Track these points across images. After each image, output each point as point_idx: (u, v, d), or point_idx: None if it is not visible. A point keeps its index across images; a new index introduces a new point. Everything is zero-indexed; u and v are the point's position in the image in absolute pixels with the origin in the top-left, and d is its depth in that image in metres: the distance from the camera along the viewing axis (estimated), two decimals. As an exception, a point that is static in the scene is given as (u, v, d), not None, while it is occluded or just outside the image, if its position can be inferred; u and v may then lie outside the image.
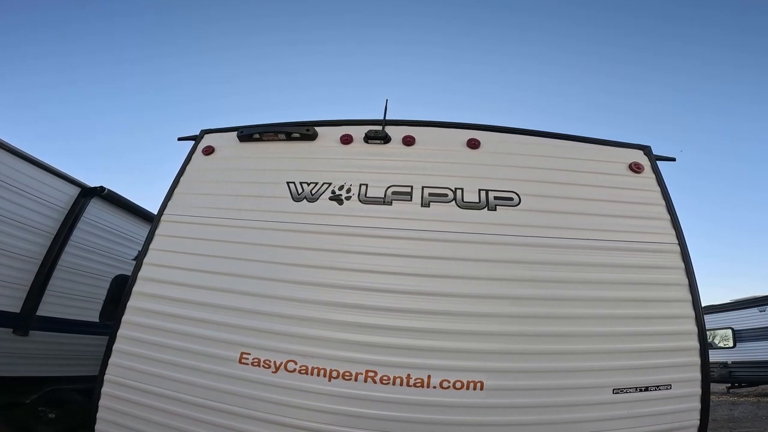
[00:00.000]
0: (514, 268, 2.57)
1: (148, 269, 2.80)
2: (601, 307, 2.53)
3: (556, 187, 2.82)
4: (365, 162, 2.92)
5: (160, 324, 2.62)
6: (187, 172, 3.12)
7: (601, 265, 2.61)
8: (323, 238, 2.68)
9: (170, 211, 2.96)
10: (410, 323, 2.42)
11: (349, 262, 2.59)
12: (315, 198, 2.83)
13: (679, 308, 2.58)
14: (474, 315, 2.44)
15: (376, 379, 2.33)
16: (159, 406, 2.47)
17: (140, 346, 2.61)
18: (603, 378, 2.40)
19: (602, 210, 2.76)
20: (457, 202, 2.75)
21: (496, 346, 2.40)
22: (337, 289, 2.52)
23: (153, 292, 2.72)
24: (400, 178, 2.83)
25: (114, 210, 5.43)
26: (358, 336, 2.42)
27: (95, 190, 5.02)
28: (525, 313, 2.47)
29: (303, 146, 3.06)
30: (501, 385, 2.33)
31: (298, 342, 2.43)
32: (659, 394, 2.42)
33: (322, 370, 2.36)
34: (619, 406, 2.36)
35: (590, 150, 2.98)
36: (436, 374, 2.33)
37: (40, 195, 4.48)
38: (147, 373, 2.54)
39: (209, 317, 2.57)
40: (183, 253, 2.80)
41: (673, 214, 2.79)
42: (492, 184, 2.80)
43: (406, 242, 2.62)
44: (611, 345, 2.46)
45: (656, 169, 2.95)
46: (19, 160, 4.29)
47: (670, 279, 2.63)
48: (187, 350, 2.53)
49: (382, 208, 2.74)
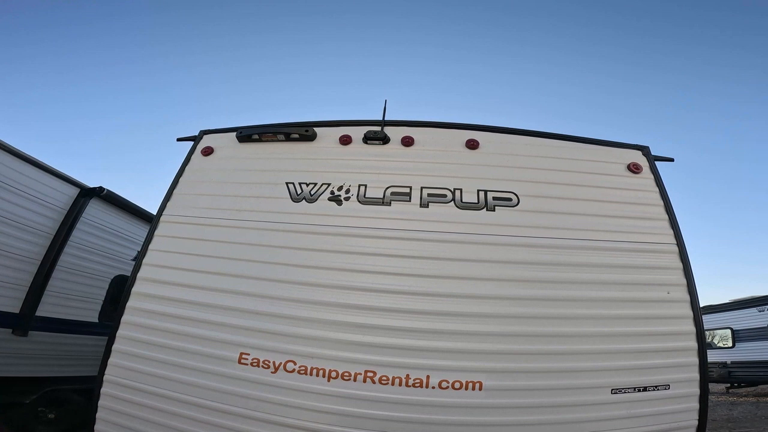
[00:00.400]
0: (513, 269, 2.57)
1: (148, 270, 2.80)
2: (599, 307, 2.53)
3: (555, 187, 2.82)
4: (364, 162, 2.93)
5: (160, 324, 2.63)
6: (186, 172, 3.12)
7: (600, 266, 2.61)
8: (322, 238, 2.69)
9: (169, 212, 2.96)
10: (409, 323, 2.43)
11: (348, 263, 2.59)
12: (314, 198, 2.83)
13: (677, 308, 2.59)
14: (473, 315, 2.44)
15: (375, 380, 2.33)
16: (158, 407, 2.48)
17: (139, 346, 2.61)
18: (602, 378, 2.40)
19: (601, 210, 2.77)
20: (455, 203, 2.75)
21: (495, 347, 2.40)
22: (336, 289, 2.53)
23: (152, 293, 2.73)
24: (399, 178, 2.84)
25: (113, 210, 5.43)
26: (357, 336, 2.42)
27: (94, 191, 5.03)
28: (524, 314, 2.48)
29: (302, 147, 3.06)
30: (500, 386, 2.34)
31: (298, 342, 2.44)
32: (658, 394, 2.43)
33: (321, 371, 2.37)
34: (618, 406, 2.37)
35: (589, 150, 2.99)
36: (435, 374, 2.33)
37: (39, 195, 4.48)
38: (146, 373, 2.54)
39: (208, 318, 2.58)
40: (182, 254, 2.80)
41: (672, 214, 2.80)
42: (491, 184, 2.80)
43: (405, 243, 2.62)
44: (610, 345, 2.47)
45: (654, 169, 2.96)
46: (18, 161, 4.29)
47: (669, 279, 2.64)
48: (187, 350, 2.54)
49: (381, 209, 2.75)
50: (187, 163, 3.16)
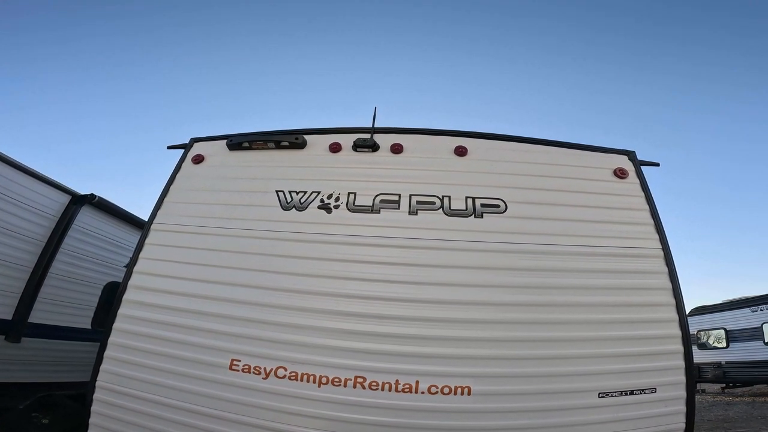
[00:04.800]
0: (501, 275, 2.59)
1: (139, 278, 2.81)
2: (586, 312, 2.56)
3: (542, 193, 2.85)
4: (354, 170, 2.95)
5: (151, 331, 2.64)
6: (176, 180, 3.13)
7: (586, 271, 2.64)
8: (312, 246, 2.70)
9: (160, 220, 2.97)
10: (398, 330, 2.45)
11: (337, 270, 2.61)
12: (304, 207, 2.85)
13: (662, 312, 2.62)
14: (461, 321, 2.47)
15: (365, 385, 2.35)
16: (151, 412, 2.49)
17: (131, 353, 2.62)
18: (588, 382, 2.43)
19: (587, 216, 2.80)
20: (444, 210, 2.78)
21: (483, 352, 2.42)
22: (325, 296, 2.55)
23: (144, 301, 2.74)
24: (388, 186, 2.86)
25: (105, 217, 5.44)
26: (347, 342, 2.44)
27: (85, 198, 5.03)
28: (511, 319, 2.50)
29: (292, 155, 3.08)
30: (488, 390, 2.36)
31: (288, 349, 2.46)
32: (644, 397, 2.45)
33: (311, 377, 2.39)
34: (605, 409, 2.40)
35: (576, 156, 3.02)
36: (424, 380, 2.35)
37: (30, 203, 4.48)
38: (139, 379, 2.55)
39: (200, 324, 2.59)
40: (173, 262, 2.81)
41: (657, 218, 2.83)
42: (479, 191, 2.83)
43: (394, 250, 2.64)
44: (596, 349, 2.50)
45: (640, 174, 3.00)
46: (8, 168, 4.28)
47: (654, 283, 2.67)
48: (178, 357, 2.55)
49: (370, 217, 2.77)
50: (177, 171, 3.17)
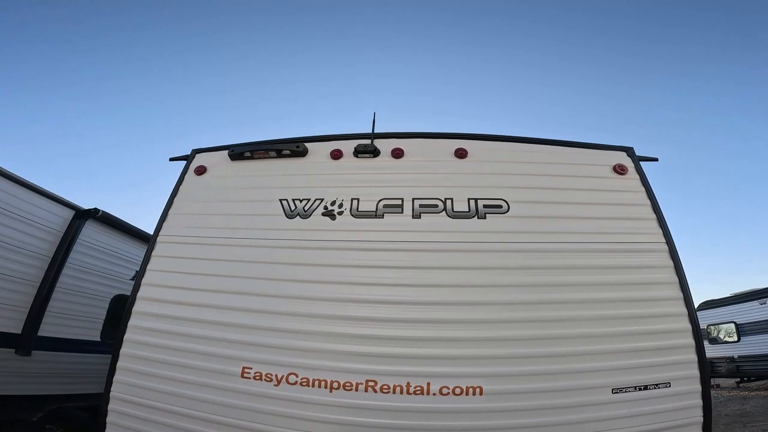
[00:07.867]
0: (506, 275, 2.60)
1: (147, 289, 2.84)
2: (595, 308, 2.55)
3: (544, 192, 2.86)
4: (356, 176, 2.97)
5: (162, 342, 2.66)
6: (180, 192, 3.16)
7: (592, 267, 2.64)
8: (318, 253, 2.72)
9: (165, 232, 3.00)
10: (408, 332, 2.45)
11: (344, 276, 2.62)
12: (308, 214, 2.87)
13: (671, 307, 2.61)
14: (470, 322, 2.47)
15: (377, 389, 2.36)
16: (165, 422, 2.50)
17: (144, 363, 2.64)
18: (601, 378, 2.41)
19: (590, 213, 2.81)
20: (447, 212, 2.79)
21: (494, 351, 2.42)
22: (333, 302, 2.56)
23: (153, 312, 2.76)
24: (390, 190, 2.88)
25: (109, 231, 5.48)
26: (356, 347, 2.45)
27: (89, 212, 5.07)
28: (520, 318, 2.50)
29: (294, 163, 3.10)
30: (500, 390, 2.36)
31: (299, 355, 2.47)
32: (659, 392, 2.43)
33: (323, 382, 2.39)
34: (619, 405, 2.38)
35: (575, 154, 3.03)
36: (435, 381, 2.35)
37: (35, 218, 4.53)
38: (151, 389, 2.57)
39: (210, 334, 2.61)
40: (180, 273, 2.84)
41: (659, 213, 2.83)
42: (481, 192, 2.84)
43: (399, 254, 2.66)
44: (608, 345, 2.49)
45: (640, 169, 3.00)
46: (12, 184, 4.33)
47: (661, 278, 2.67)
48: (190, 366, 2.57)
49: (374, 222, 2.78)
50: (180, 183, 3.20)
